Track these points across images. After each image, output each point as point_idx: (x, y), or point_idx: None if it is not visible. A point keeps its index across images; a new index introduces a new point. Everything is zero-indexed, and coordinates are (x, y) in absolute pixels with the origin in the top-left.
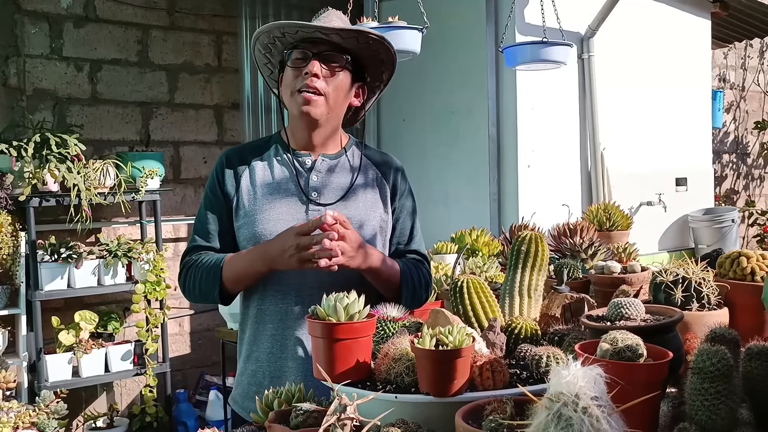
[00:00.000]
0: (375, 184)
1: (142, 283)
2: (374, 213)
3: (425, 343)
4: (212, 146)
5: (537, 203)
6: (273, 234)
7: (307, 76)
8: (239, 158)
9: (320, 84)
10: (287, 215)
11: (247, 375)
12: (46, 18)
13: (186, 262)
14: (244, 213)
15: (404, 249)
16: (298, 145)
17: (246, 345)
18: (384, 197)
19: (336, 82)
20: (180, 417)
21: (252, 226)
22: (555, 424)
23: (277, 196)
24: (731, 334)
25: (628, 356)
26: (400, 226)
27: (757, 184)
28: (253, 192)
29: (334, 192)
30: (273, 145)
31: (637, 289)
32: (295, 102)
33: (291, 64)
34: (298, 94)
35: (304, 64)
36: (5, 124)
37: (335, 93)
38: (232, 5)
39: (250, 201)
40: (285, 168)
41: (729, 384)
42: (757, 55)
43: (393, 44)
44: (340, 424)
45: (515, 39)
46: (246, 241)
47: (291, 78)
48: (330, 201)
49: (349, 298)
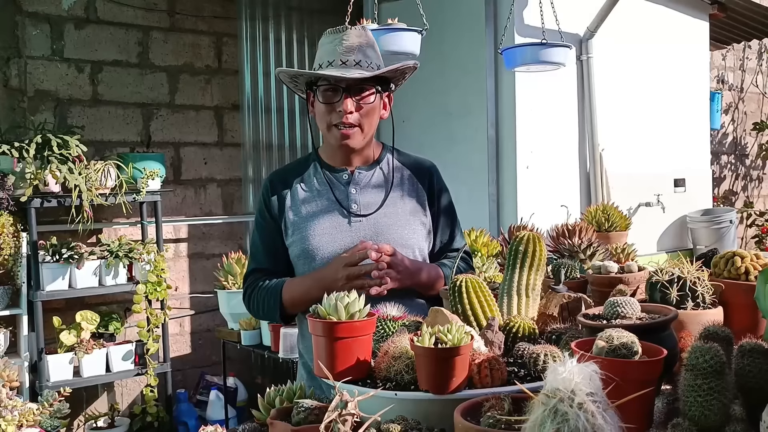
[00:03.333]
0: (411, 188)
1: (143, 284)
2: (414, 217)
3: (425, 342)
4: (212, 147)
5: (536, 204)
6: (321, 248)
7: (341, 113)
8: (282, 181)
9: (354, 118)
10: (332, 229)
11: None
12: (47, 19)
13: (248, 285)
14: (293, 231)
15: (447, 248)
16: (336, 163)
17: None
18: (421, 200)
19: (368, 109)
20: (180, 417)
21: (301, 243)
22: (551, 419)
23: (320, 213)
24: (724, 331)
25: (624, 354)
26: (441, 226)
27: (756, 185)
28: (298, 211)
29: (373, 202)
30: (312, 164)
31: (634, 289)
32: (333, 136)
33: (323, 99)
34: (335, 128)
35: (336, 99)
36: (7, 125)
37: (369, 119)
38: (232, 7)
39: (297, 220)
40: (324, 185)
41: (722, 380)
42: (755, 57)
43: (392, 46)
44: (341, 420)
45: (514, 40)
46: (297, 258)
47: (324, 112)
48: (370, 211)
49: (350, 297)
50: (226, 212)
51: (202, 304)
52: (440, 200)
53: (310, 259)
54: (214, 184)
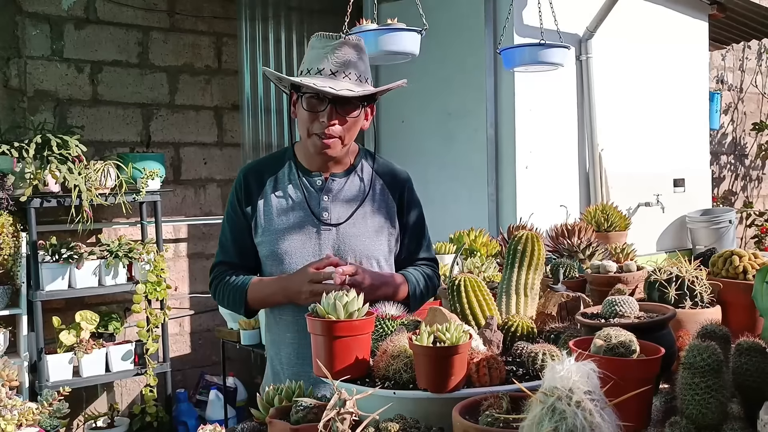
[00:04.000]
0: (382, 199)
1: (143, 284)
2: (381, 229)
3: (423, 340)
4: (212, 147)
5: (535, 204)
6: (288, 254)
7: (324, 123)
8: (256, 177)
9: (336, 130)
10: (301, 235)
11: (271, 371)
12: (47, 20)
13: (214, 276)
14: (262, 232)
15: (415, 257)
16: (311, 167)
17: (271, 346)
18: (391, 212)
19: (350, 122)
20: (180, 417)
21: (269, 245)
22: (549, 417)
23: (291, 218)
24: (722, 330)
25: (622, 352)
26: (409, 237)
27: (755, 185)
28: (269, 213)
29: (343, 212)
30: (287, 163)
31: (633, 288)
32: (312, 144)
33: (306, 106)
34: (315, 137)
35: (321, 108)
36: (6, 125)
37: (350, 132)
38: (232, 7)
39: (267, 221)
40: (297, 190)
41: (719, 379)
42: (755, 57)
43: (391, 46)
44: (339, 419)
45: (513, 41)
46: (266, 258)
47: (306, 119)
48: (340, 220)
49: (349, 297)
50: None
51: (201, 304)
52: (410, 213)
53: (278, 261)
54: (213, 184)
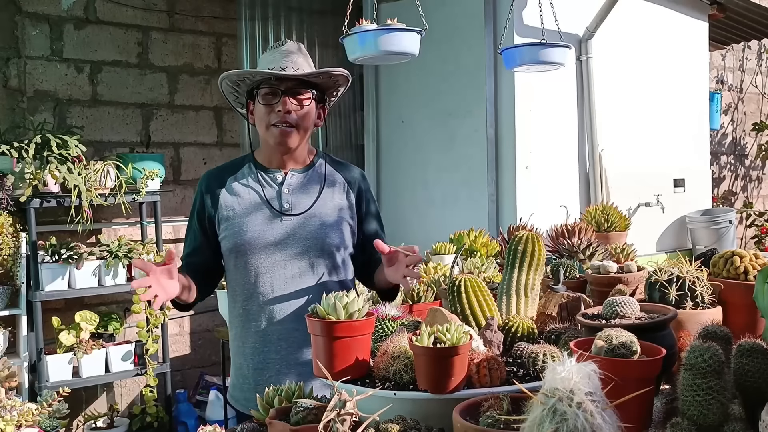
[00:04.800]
0: (341, 192)
1: None
2: (341, 219)
3: (423, 341)
4: (212, 147)
5: (535, 204)
6: (252, 244)
7: (280, 113)
8: (217, 178)
9: (292, 118)
10: (263, 226)
11: (234, 368)
12: (46, 20)
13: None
14: (225, 227)
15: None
16: (270, 164)
17: (235, 342)
18: (350, 203)
19: (304, 112)
20: (180, 417)
21: (233, 238)
22: (550, 418)
23: (252, 210)
24: (723, 331)
25: (623, 353)
26: (369, 230)
27: (755, 186)
28: (231, 208)
29: (304, 203)
30: (247, 164)
31: (633, 289)
32: (271, 135)
33: (263, 100)
34: (273, 128)
35: (275, 101)
36: (6, 126)
37: (305, 122)
38: (232, 7)
39: (229, 216)
40: (258, 184)
41: (720, 380)
42: (755, 57)
43: (391, 46)
44: (339, 420)
45: (513, 41)
46: (229, 252)
47: (264, 113)
48: (300, 212)
49: (349, 297)
50: None
51: (201, 305)
52: (368, 206)
53: (241, 253)
54: None
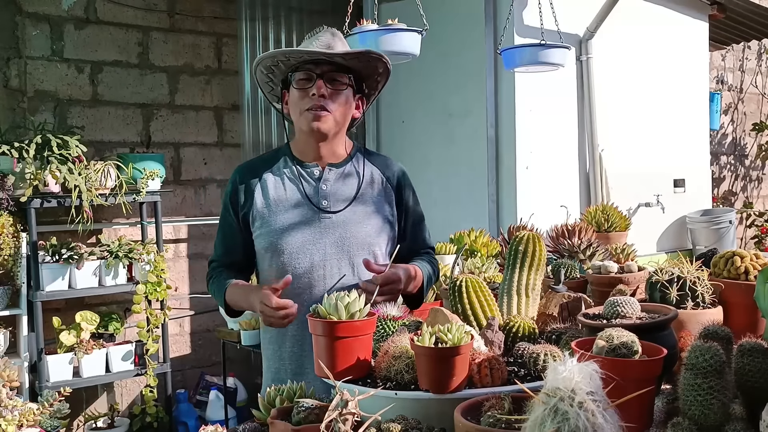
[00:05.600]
0: (380, 188)
1: (143, 284)
2: (380, 216)
3: (425, 341)
4: (212, 148)
5: (535, 204)
6: (288, 243)
7: (315, 96)
8: (251, 173)
9: (327, 103)
10: (300, 224)
11: (271, 372)
12: (47, 20)
13: (209, 272)
14: (260, 224)
15: (416, 247)
16: (306, 157)
17: (270, 345)
18: (389, 199)
19: (341, 99)
20: (180, 417)
21: (268, 236)
22: (551, 418)
23: (290, 208)
24: (724, 331)
25: (624, 353)
26: (410, 226)
27: (755, 186)
28: (267, 205)
29: (342, 199)
30: (282, 158)
31: (634, 289)
32: (305, 120)
33: (297, 85)
34: (307, 112)
35: (310, 85)
36: (7, 126)
37: (341, 109)
38: (232, 8)
39: (265, 213)
40: (295, 180)
41: (721, 379)
42: (755, 57)
43: (392, 47)
44: (341, 419)
45: (514, 41)
46: (264, 250)
47: (298, 98)
48: (339, 208)
49: (350, 297)
50: None
51: (202, 305)
52: (408, 201)
53: (277, 253)
54: (213, 184)
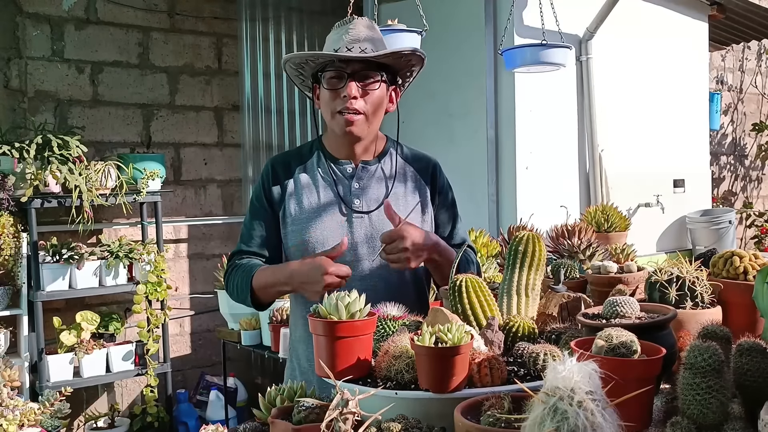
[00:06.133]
0: (414, 183)
1: (144, 284)
2: (415, 215)
3: (425, 341)
4: (213, 148)
5: (535, 205)
6: (319, 241)
7: (346, 99)
8: (284, 167)
9: (359, 104)
10: (332, 224)
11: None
12: (47, 20)
13: (230, 265)
14: (291, 221)
15: (452, 242)
16: (339, 154)
17: (300, 344)
18: (424, 195)
19: (373, 98)
20: (180, 417)
21: (299, 234)
22: (551, 417)
23: (321, 207)
24: (723, 330)
25: (623, 353)
26: (443, 221)
27: (755, 186)
28: (299, 201)
29: (375, 197)
30: (315, 153)
31: (633, 289)
32: (337, 123)
33: (327, 85)
34: (339, 115)
35: (341, 85)
36: (7, 126)
37: (373, 108)
38: (232, 8)
39: (297, 210)
40: (327, 177)
41: (720, 379)
42: (754, 58)
43: (392, 46)
44: (342, 419)
45: (514, 41)
46: (294, 248)
47: (329, 99)
48: (371, 208)
49: (351, 297)
50: (226, 213)
51: (202, 305)
52: (443, 196)
53: (309, 251)
54: (214, 184)
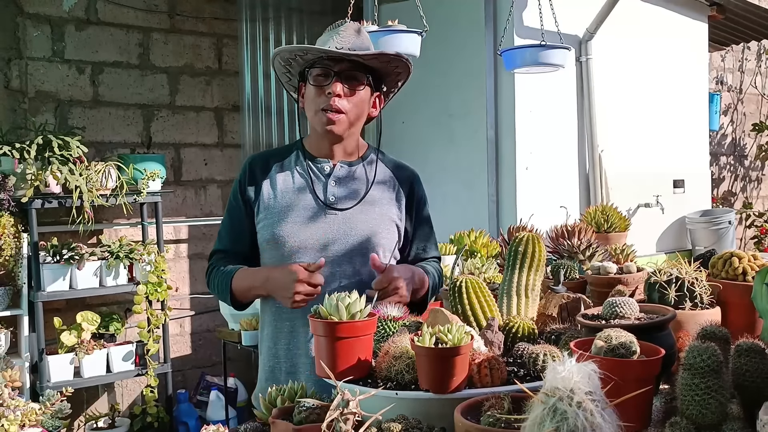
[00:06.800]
0: (391, 191)
1: (144, 284)
2: (389, 219)
3: (425, 341)
4: (213, 148)
5: (535, 205)
6: (290, 236)
7: (330, 96)
8: (262, 164)
9: (342, 104)
10: (305, 219)
11: (265, 372)
12: (47, 21)
13: (210, 264)
14: (264, 216)
15: (424, 255)
16: (319, 153)
17: (266, 342)
18: (399, 204)
19: (357, 99)
20: (181, 417)
21: (271, 228)
22: (551, 418)
23: (296, 201)
24: (721, 331)
25: (622, 353)
26: (419, 234)
27: (755, 186)
28: (274, 196)
29: (351, 197)
30: (294, 152)
31: (633, 290)
32: (319, 120)
33: (313, 82)
34: (322, 113)
35: (326, 83)
36: (8, 127)
37: (356, 109)
38: (232, 8)
39: (271, 205)
40: (304, 174)
41: (719, 379)
42: (754, 58)
43: (392, 48)
44: (342, 419)
45: (513, 42)
46: (265, 243)
47: (313, 95)
48: (347, 206)
49: (351, 298)
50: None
51: (202, 305)
52: (419, 208)
53: (279, 245)
54: (214, 185)
